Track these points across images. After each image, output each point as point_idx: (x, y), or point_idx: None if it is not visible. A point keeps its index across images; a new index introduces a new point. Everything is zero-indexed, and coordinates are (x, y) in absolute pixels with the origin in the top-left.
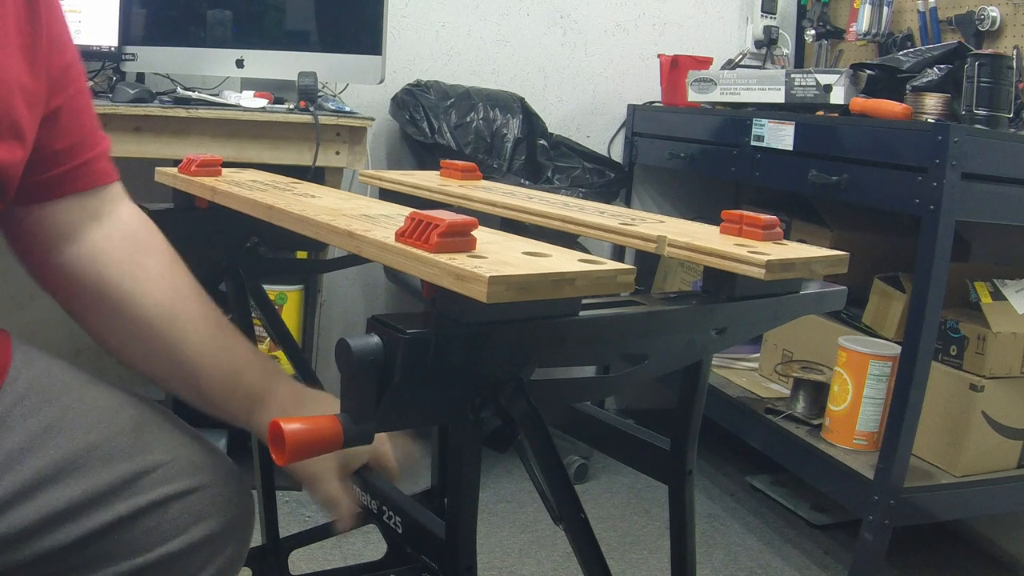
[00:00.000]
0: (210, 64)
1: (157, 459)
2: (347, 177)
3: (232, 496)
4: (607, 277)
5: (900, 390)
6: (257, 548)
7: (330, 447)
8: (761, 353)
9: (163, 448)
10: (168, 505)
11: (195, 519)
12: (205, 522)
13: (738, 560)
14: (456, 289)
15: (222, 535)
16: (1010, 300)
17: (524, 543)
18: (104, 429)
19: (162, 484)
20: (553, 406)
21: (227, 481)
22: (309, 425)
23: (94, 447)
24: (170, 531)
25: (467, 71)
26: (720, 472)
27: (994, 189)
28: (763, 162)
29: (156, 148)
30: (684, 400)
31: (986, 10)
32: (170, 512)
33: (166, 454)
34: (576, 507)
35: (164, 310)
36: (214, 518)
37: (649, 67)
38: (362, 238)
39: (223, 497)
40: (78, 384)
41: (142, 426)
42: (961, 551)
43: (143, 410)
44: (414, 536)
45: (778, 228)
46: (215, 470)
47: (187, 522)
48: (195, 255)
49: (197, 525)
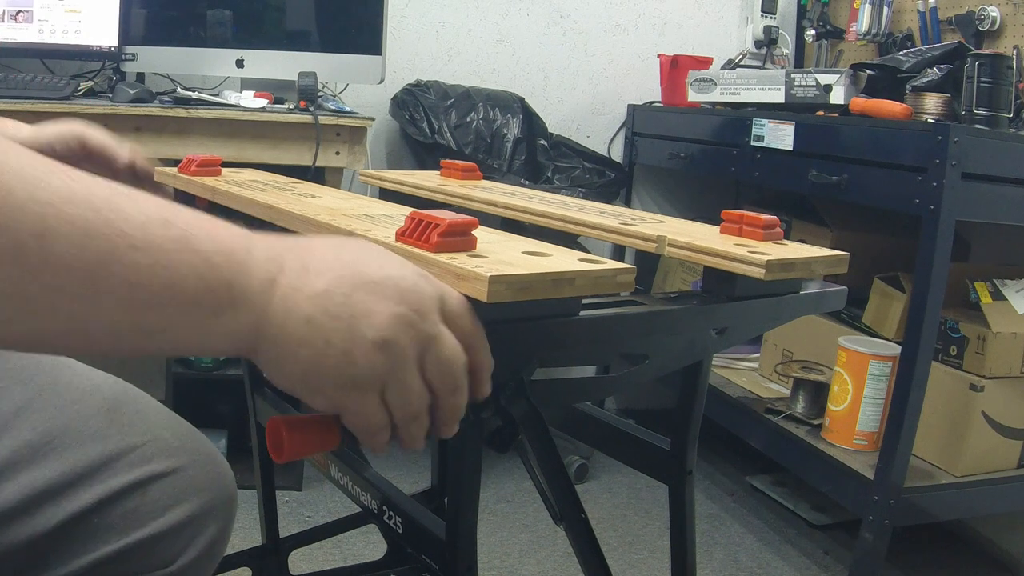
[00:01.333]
0: (210, 64)
1: (134, 440)
2: (347, 177)
3: (211, 476)
4: (607, 277)
5: (900, 390)
6: (257, 548)
7: (328, 446)
8: (761, 353)
9: (140, 429)
10: (147, 486)
11: (175, 500)
12: (186, 503)
13: (738, 560)
14: (457, 289)
15: (203, 515)
16: (1010, 300)
17: (524, 543)
18: (79, 410)
19: (140, 465)
20: (553, 406)
21: (206, 461)
22: (306, 421)
23: (69, 428)
24: (150, 513)
25: (467, 71)
26: (720, 472)
27: (994, 189)
28: (763, 162)
29: (156, 148)
30: (684, 400)
31: (986, 10)
32: (150, 493)
33: (143, 435)
34: (577, 507)
35: None
36: (194, 498)
37: (649, 67)
38: (362, 238)
39: (202, 477)
40: (51, 365)
41: (118, 407)
42: (961, 551)
43: (119, 391)
44: (414, 536)
45: (778, 228)
46: (193, 451)
47: (167, 503)
48: None
49: (178, 506)
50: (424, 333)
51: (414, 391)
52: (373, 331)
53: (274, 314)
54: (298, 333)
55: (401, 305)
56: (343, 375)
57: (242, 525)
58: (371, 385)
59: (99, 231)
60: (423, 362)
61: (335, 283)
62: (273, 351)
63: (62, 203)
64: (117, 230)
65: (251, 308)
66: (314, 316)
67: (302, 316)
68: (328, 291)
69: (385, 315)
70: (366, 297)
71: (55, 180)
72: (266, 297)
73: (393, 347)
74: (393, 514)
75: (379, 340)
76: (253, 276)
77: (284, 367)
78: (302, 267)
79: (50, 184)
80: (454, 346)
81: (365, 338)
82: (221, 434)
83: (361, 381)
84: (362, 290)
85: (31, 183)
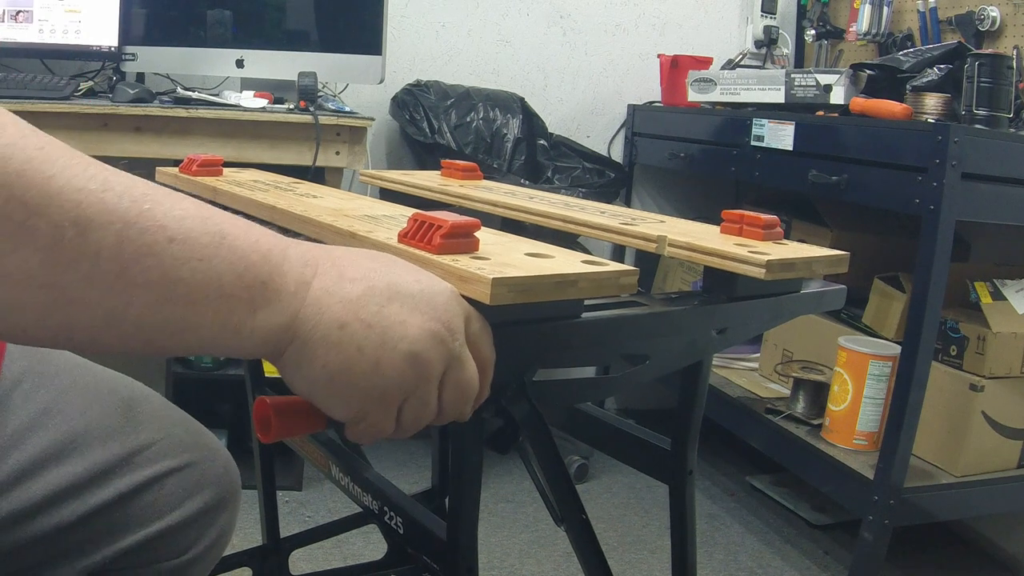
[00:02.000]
0: (210, 64)
1: (150, 437)
2: (347, 177)
3: (220, 470)
4: (610, 279)
5: (900, 390)
6: (257, 548)
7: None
8: (761, 353)
9: (155, 427)
10: (164, 481)
11: (189, 493)
12: (199, 495)
13: (738, 560)
14: (459, 291)
15: (214, 507)
16: (1010, 300)
17: (525, 543)
18: (99, 410)
19: (157, 461)
20: (554, 407)
21: (214, 456)
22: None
23: (90, 427)
24: (167, 505)
25: (467, 71)
26: (720, 472)
27: (994, 189)
28: (763, 162)
29: (156, 148)
30: (684, 400)
31: (986, 10)
32: (166, 487)
33: (158, 432)
34: (577, 508)
35: None
36: (207, 491)
37: (649, 67)
38: (365, 239)
39: (212, 471)
40: (70, 368)
41: (133, 406)
42: (961, 551)
43: (134, 391)
44: (415, 536)
45: (778, 228)
46: (203, 446)
47: (182, 496)
48: None
49: (192, 498)
50: (452, 352)
51: (430, 407)
52: (406, 343)
53: (307, 316)
54: (330, 337)
55: (435, 321)
56: (371, 384)
57: (243, 525)
58: (395, 397)
59: (137, 222)
60: (444, 380)
61: (370, 292)
62: (301, 353)
63: (101, 191)
64: (156, 222)
65: (285, 308)
66: (348, 322)
67: (335, 320)
68: (363, 298)
69: (419, 328)
70: (401, 309)
71: (93, 169)
72: (300, 298)
73: (422, 362)
74: (394, 514)
75: (411, 353)
76: (288, 276)
77: (310, 371)
78: (338, 273)
79: (88, 172)
80: (472, 370)
81: (397, 349)
82: (221, 434)
83: (387, 392)
84: (397, 301)
85: (70, 170)
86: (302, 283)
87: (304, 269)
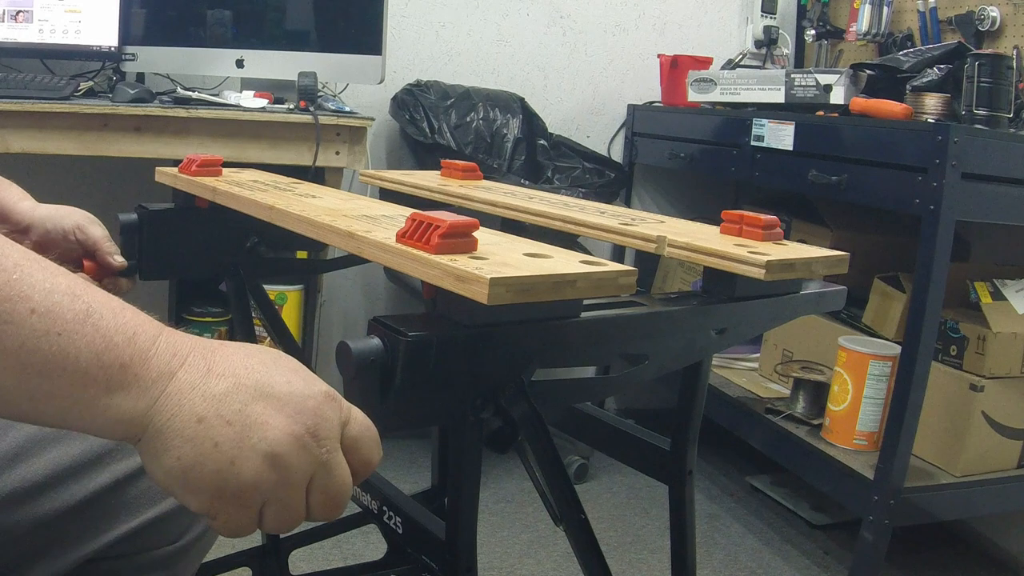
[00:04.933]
0: (210, 64)
1: None
2: (347, 177)
3: None
4: (608, 279)
5: (900, 390)
6: (257, 548)
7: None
8: (761, 353)
9: None
10: None
11: None
12: None
13: (738, 560)
14: (457, 291)
15: None
16: (1010, 300)
17: (524, 543)
18: None
19: None
20: (553, 407)
21: None
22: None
23: None
24: (160, 492)
25: (467, 71)
26: (720, 472)
27: (994, 189)
28: (763, 162)
29: (156, 148)
30: (684, 400)
31: (986, 10)
32: None
33: None
34: (577, 508)
35: None
36: None
37: (649, 67)
38: (363, 239)
39: None
40: None
41: None
42: (961, 551)
43: None
44: (414, 536)
45: (778, 228)
46: None
47: None
48: (196, 255)
49: None
50: (317, 459)
51: (294, 511)
52: (265, 444)
53: (165, 406)
54: (186, 430)
55: (299, 425)
56: (226, 482)
57: None
58: (252, 498)
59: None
60: (310, 486)
61: (236, 389)
62: (156, 442)
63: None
64: (19, 292)
65: (142, 394)
66: (206, 416)
67: (194, 414)
68: (228, 395)
69: (280, 431)
70: (265, 409)
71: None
72: (160, 387)
73: (282, 465)
74: (393, 514)
75: (269, 454)
76: (151, 364)
77: (164, 461)
78: (207, 368)
79: None
80: (344, 477)
81: (255, 449)
82: None
83: (242, 491)
84: (263, 401)
85: None
86: (166, 373)
87: (172, 359)
